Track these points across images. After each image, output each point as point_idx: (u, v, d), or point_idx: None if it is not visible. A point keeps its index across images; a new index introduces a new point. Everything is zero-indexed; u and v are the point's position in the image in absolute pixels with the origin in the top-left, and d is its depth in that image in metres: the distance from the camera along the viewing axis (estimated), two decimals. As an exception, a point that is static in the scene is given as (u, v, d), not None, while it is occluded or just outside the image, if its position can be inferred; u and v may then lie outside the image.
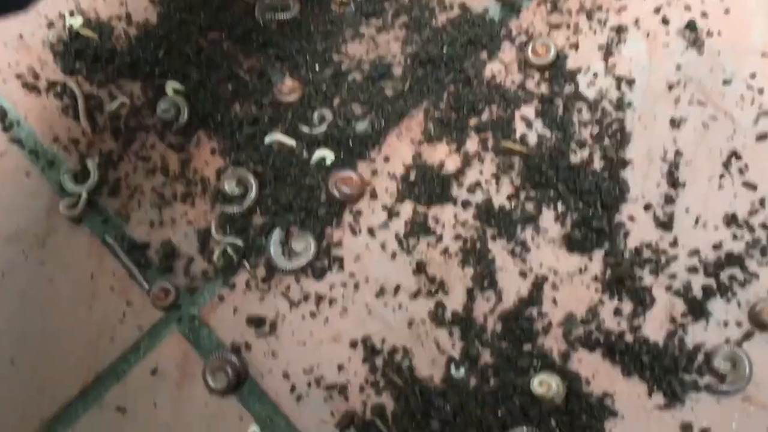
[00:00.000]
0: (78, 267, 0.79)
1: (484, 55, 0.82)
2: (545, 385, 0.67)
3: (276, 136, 0.81)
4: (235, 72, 0.84)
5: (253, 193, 0.79)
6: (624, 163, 0.75)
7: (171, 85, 0.84)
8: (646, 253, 0.72)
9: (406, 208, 0.77)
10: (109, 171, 0.83)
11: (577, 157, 0.76)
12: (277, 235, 0.77)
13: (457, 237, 0.75)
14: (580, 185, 0.74)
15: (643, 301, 0.70)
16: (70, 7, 0.90)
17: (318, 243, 0.77)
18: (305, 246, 0.77)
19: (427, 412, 0.68)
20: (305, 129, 0.81)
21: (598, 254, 0.73)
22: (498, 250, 0.74)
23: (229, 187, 0.80)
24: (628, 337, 0.69)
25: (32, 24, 0.89)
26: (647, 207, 0.73)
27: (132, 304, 0.78)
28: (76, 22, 0.88)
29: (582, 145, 0.77)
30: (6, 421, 0.74)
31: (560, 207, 0.75)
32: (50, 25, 0.89)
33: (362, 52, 0.84)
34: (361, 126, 0.81)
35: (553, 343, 0.70)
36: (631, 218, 0.73)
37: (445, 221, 0.76)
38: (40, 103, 0.86)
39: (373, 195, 0.79)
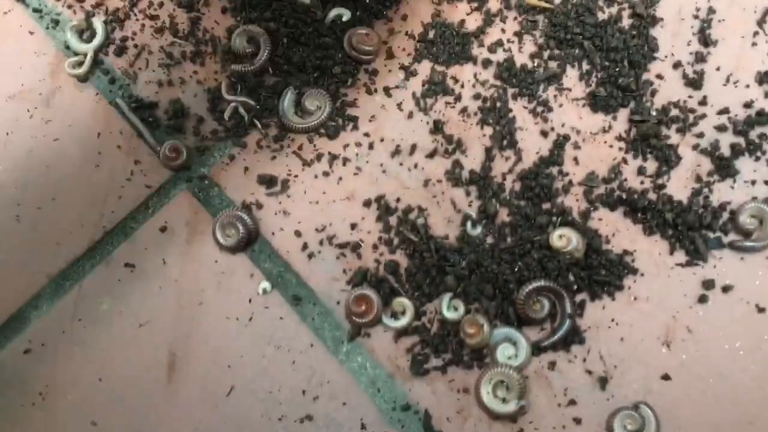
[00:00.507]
0: (84, 126, 0.77)
1: None
2: (565, 238, 0.65)
3: (289, -10, 0.77)
4: (248, -71, 0.80)
5: (265, 51, 0.76)
6: (654, 21, 0.72)
7: (180, -60, 0.80)
8: (674, 112, 0.69)
9: (424, 68, 0.74)
10: (115, 30, 0.80)
11: (605, 13, 0.73)
12: (290, 93, 0.75)
13: (477, 96, 0.72)
14: (607, 43, 0.71)
15: (668, 159, 0.67)
16: None
17: (332, 102, 0.74)
18: (319, 105, 0.74)
19: (442, 269, 0.67)
20: (320, -14, 0.77)
21: (623, 113, 0.70)
22: (519, 109, 0.72)
23: (240, 44, 0.76)
24: (651, 196, 0.67)
25: None
26: (676, 65, 0.70)
27: (140, 163, 0.75)
28: None
29: (610, 1, 0.73)
30: (12, 276, 0.73)
31: (585, 65, 0.72)
32: None
33: None
34: (380, -15, 0.77)
35: (573, 201, 0.68)
36: (660, 77, 0.70)
37: (465, 80, 0.73)
38: (44, -41, 0.83)
39: (390, 54, 0.76)
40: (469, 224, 0.69)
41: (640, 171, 0.68)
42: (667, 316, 0.64)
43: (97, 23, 0.79)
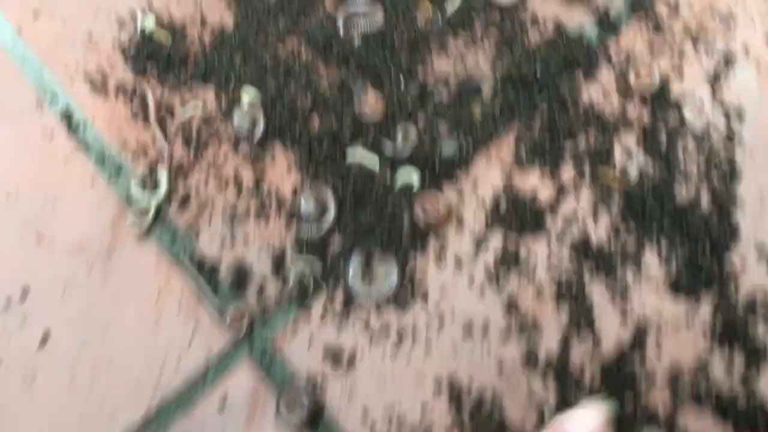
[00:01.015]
0: (144, 284, 0.75)
1: (580, 76, 0.77)
2: (652, 441, 0.62)
3: (358, 153, 0.76)
4: (314, 83, 0.80)
5: (331, 214, 0.74)
6: (734, 202, 0.70)
7: (247, 94, 0.80)
8: (761, 299, 0.66)
9: (496, 238, 0.73)
10: (179, 182, 0.79)
11: (682, 192, 0.71)
12: (356, 259, 0.73)
13: (551, 271, 0.70)
14: (686, 223, 0.69)
15: (757, 353, 0.65)
16: (143, 6, 0.85)
17: (401, 271, 0.72)
18: (387, 273, 0.72)
19: (519, 463, 0.64)
20: (388, 147, 0.76)
21: (707, 299, 0.67)
22: (596, 288, 0.69)
23: (306, 205, 0.75)
24: (740, 395, 0.64)
25: (102, 23, 0.85)
26: (760, 249, 0.68)
27: (200, 327, 0.73)
28: (149, 23, 0.84)
29: (688, 180, 0.72)
30: (65, 443, 0.70)
31: (664, 246, 0.70)
32: (121, 24, 0.85)
33: (449, 68, 0.80)
34: (448, 147, 0.76)
35: (657, 394, 0.65)
36: (744, 260, 0.68)
37: (538, 254, 0.71)
38: (109, 106, 0.82)
39: (460, 221, 0.74)
40: (546, 412, 0.66)
41: (729, 363, 0.65)
42: None
43: (161, 175, 0.79)
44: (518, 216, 0.73)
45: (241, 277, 0.74)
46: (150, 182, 0.79)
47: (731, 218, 0.70)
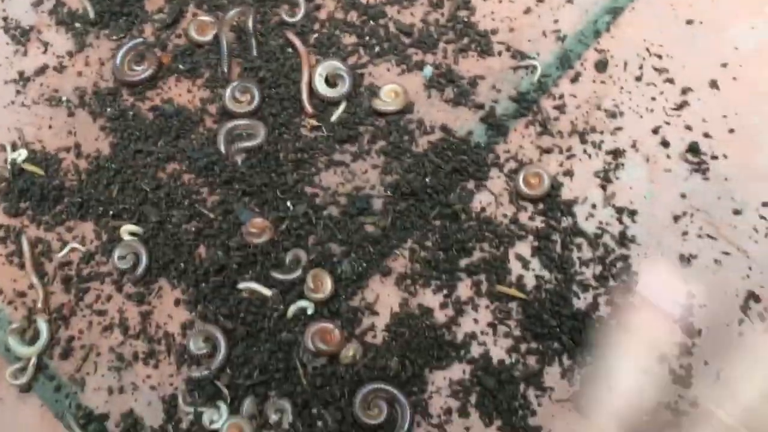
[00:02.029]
0: (27, 445, 0.70)
1: (471, 184, 0.75)
2: None
3: (248, 285, 0.73)
4: (198, 210, 0.76)
5: (221, 353, 0.70)
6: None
7: (127, 228, 0.76)
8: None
9: (394, 364, 0.69)
10: (60, 329, 0.74)
11: (580, 302, 0.69)
12: (248, 402, 0.69)
13: (451, 400, 0.68)
14: (586, 336, 0.67)
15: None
16: (12, 138, 0.81)
17: (297, 410, 0.68)
18: (282, 417, 0.68)
19: None
20: (279, 274, 0.73)
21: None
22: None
23: (196, 345, 0.71)
24: None
25: (-30, 159, 0.80)
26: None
27: (90, 491, 0.68)
28: (20, 155, 0.80)
29: (585, 287, 0.70)
30: None
31: (566, 361, 0.68)
32: (-10, 159, 0.80)
33: (338, 182, 0.77)
34: (341, 268, 0.73)
35: None
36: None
37: (438, 386, 0.68)
38: (-19, 251, 0.77)
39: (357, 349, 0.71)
40: None
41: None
42: None
43: (41, 323, 0.74)
44: (417, 340, 0.70)
45: (130, 430, 0.70)
46: (29, 331, 0.74)
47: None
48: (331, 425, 0.67)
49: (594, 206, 0.72)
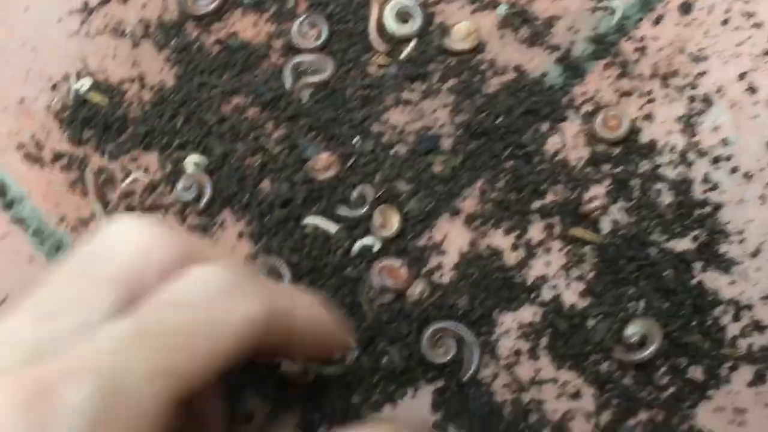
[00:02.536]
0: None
1: (545, 126, 0.73)
2: None
3: (313, 220, 0.71)
4: (262, 144, 0.75)
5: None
6: (717, 257, 0.66)
7: (191, 159, 0.75)
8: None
9: (462, 304, 0.68)
10: (121, 256, 0.73)
11: (659, 248, 0.67)
12: (314, 337, 0.68)
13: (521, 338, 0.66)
14: (665, 283, 0.65)
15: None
16: (77, 67, 0.80)
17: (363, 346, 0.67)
18: (347, 352, 0.67)
19: None
20: (345, 211, 0.71)
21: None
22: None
23: (259, 278, 0.70)
24: None
25: (34, 86, 0.80)
26: (748, 308, 0.64)
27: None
28: (84, 85, 0.79)
29: (665, 233, 0.67)
30: None
31: (641, 308, 0.65)
32: (54, 87, 0.80)
33: (406, 121, 0.75)
34: (408, 207, 0.71)
35: None
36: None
37: (506, 322, 0.67)
38: (45, 178, 0.77)
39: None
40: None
41: None
42: None
43: (103, 251, 0.73)
44: (484, 280, 0.68)
45: (191, 359, 0.69)
46: (91, 259, 0.73)
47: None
48: (397, 362, 0.66)
49: (675, 152, 0.69)
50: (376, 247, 0.70)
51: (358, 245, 0.70)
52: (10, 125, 0.78)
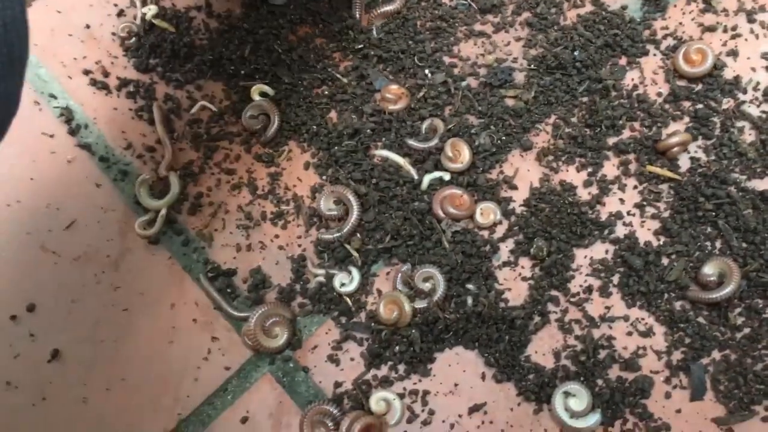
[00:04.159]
0: (156, 295, 0.71)
1: (623, 60, 0.71)
2: None
3: (382, 153, 0.70)
4: (331, 74, 0.74)
5: (354, 217, 0.69)
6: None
7: (258, 88, 0.74)
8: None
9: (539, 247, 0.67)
10: (188, 185, 0.73)
11: (739, 187, 0.65)
12: (382, 266, 0.67)
13: (593, 277, 0.65)
14: (745, 222, 0.63)
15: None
16: (143, -6, 0.79)
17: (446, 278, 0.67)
18: (434, 284, 0.66)
19: None
20: (414, 143, 0.70)
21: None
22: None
23: (326, 207, 0.70)
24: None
25: (100, 12, 0.79)
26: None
27: (218, 340, 0.69)
28: (150, 11, 0.78)
29: (746, 172, 0.65)
30: (79, 467, 0.66)
31: (718, 247, 0.64)
32: (120, 13, 0.79)
33: (478, 53, 0.73)
34: (479, 140, 0.70)
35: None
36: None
37: (578, 258, 0.66)
38: (111, 104, 0.77)
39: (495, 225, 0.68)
40: None
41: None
42: None
43: (173, 176, 0.73)
44: (555, 216, 0.67)
45: (258, 286, 0.69)
46: (158, 185, 0.74)
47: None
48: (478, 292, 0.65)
49: (759, 89, 0.67)
50: (446, 179, 0.69)
51: (428, 178, 0.69)
52: (75, 51, 0.78)
